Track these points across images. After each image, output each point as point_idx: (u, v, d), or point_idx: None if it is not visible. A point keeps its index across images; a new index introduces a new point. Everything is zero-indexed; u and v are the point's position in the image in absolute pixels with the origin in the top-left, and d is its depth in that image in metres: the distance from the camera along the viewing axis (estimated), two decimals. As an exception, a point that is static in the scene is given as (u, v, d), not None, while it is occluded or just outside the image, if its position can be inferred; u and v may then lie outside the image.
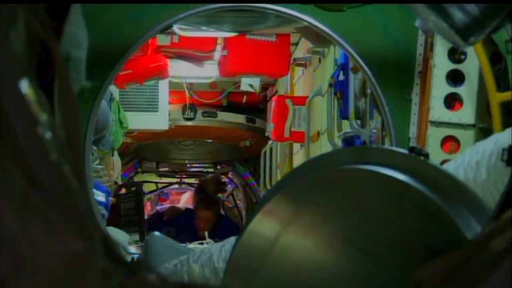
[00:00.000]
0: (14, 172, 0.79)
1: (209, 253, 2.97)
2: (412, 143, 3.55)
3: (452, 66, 3.45)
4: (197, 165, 10.19)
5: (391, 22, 3.56)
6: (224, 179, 7.65)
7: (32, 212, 0.78)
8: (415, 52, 3.58)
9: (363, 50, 3.58)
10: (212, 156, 9.49)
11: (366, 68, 3.59)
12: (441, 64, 3.45)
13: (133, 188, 8.61)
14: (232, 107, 8.72)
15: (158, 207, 10.65)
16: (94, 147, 5.35)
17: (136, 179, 9.83)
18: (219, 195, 7.84)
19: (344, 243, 1.69)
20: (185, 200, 10.95)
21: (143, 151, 9.31)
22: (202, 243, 5.25)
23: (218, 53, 6.86)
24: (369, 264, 1.66)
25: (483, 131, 3.35)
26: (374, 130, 4.53)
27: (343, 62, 4.81)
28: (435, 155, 3.36)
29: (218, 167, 9.88)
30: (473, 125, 3.40)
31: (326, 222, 1.71)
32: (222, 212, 8.62)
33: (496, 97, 3.06)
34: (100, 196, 5.03)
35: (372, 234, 1.67)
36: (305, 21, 3.57)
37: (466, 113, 3.42)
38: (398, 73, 3.61)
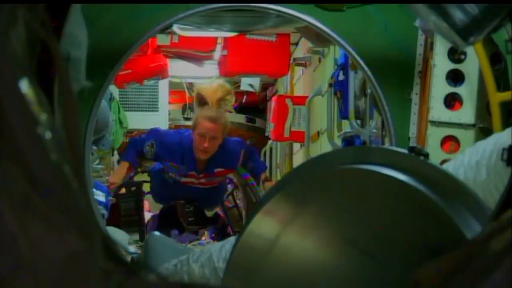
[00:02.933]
0: (14, 172, 0.79)
1: (209, 253, 2.97)
2: (412, 143, 3.55)
3: (452, 66, 3.45)
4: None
5: (391, 22, 3.56)
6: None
7: (32, 212, 0.78)
8: (415, 52, 3.58)
9: (363, 50, 3.58)
10: (212, 156, 9.46)
11: (366, 68, 3.59)
12: (441, 64, 3.45)
13: (133, 188, 8.60)
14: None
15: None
16: (94, 147, 5.35)
17: (136, 179, 9.82)
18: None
19: (344, 243, 1.69)
20: None
21: (143, 151, 9.31)
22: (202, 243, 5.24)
23: (218, 53, 6.86)
24: (369, 264, 1.66)
25: (483, 131, 3.35)
26: (374, 130, 4.53)
27: (343, 62, 4.82)
28: (435, 155, 3.36)
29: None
30: (473, 125, 3.41)
31: (326, 222, 1.71)
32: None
33: (496, 97, 3.06)
34: (100, 196, 5.03)
35: (372, 234, 1.67)
36: (305, 21, 3.58)
37: (466, 113, 3.42)
38: (398, 73, 3.61)
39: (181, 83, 8.07)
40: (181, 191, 5.57)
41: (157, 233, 4.04)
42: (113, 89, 6.45)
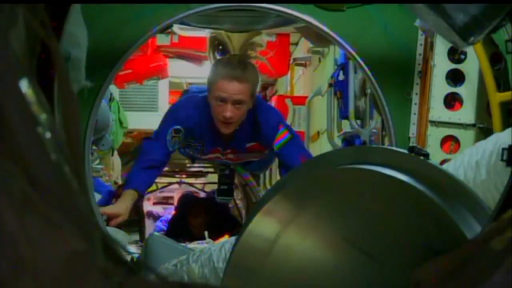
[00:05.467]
0: (14, 172, 0.79)
1: (209, 253, 2.97)
2: (412, 143, 3.55)
3: (452, 66, 3.45)
4: (197, 164, 10.18)
5: (391, 22, 3.56)
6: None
7: (32, 212, 0.78)
8: (415, 52, 3.58)
9: (363, 50, 3.58)
10: (212, 156, 9.45)
11: (366, 68, 3.59)
12: (441, 64, 3.46)
13: (133, 188, 8.58)
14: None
15: None
16: (94, 147, 5.35)
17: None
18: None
19: (344, 243, 1.69)
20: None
21: (143, 151, 9.30)
22: (202, 243, 5.22)
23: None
24: (369, 264, 1.66)
25: (483, 131, 3.35)
26: (374, 130, 4.53)
27: (343, 62, 4.82)
28: (435, 155, 3.36)
29: (218, 166, 9.89)
30: (473, 125, 3.41)
31: (326, 222, 1.71)
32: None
33: (496, 97, 3.06)
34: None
35: (372, 234, 1.67)
36: (305, 21, 3.57)
37: (466, 113, 3.42)
38: (398, 73, 3.61)
39: (181, 83, 8.08)
40: (208, 162, 4.23)
41: (156, 233, 4.04)
42: (113, 89, 6.45)
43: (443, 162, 3.18)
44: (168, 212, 9.87)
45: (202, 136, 3.80)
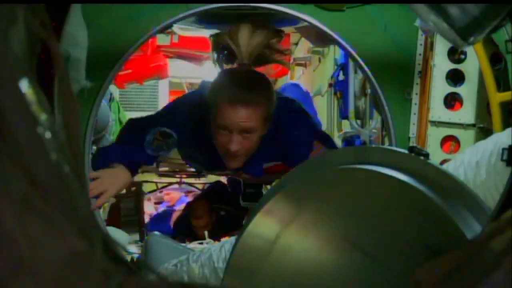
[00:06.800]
0: (14, 172, 0.79)
1: (209, 253, 2.97)
2: (412, 143, 3.55)
3: (452, 66, 3.45)
4: (197, 164, 10.19)
5: (391, 22, 3.56)
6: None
7: (32, 212, 0.78)
8: (415, 52, 3.58)
9: (363, 50, 3.58)
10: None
11: (366, 68, 3.59)
12: (441, 64, 3.46)
13: (133, 188, 8.59)
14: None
15: None
16: (94, 147, 5.35)
17: (136, 179, 9.79)
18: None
19: (344, 243, 1.69)
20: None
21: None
22: (202, 243, 5.22)
23: (218, 53, 6.85)
24: (369, 264, 1.66)
25: (483, 131, 3.36)
26: (374, 130, 4.53)
27: (343, 62, 4.82)
28: (435, 155, 3.36)
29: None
30: (473, 125, 3.41)
31: (326, 222, 1.70)
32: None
33: (496, 97, 3.06)
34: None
35: (372, 234, 1.67)
36: (305, 21, 3.57)
37: (466, 113, 3.42)
38: (398, 73, 3.61)
39: (181, 83, 8.08)
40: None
41: (157, 233, 4.04)
42: (113, 89, 6.46)
43: (443, 162, 3.18)
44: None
45: (200, 152, 3.00)
